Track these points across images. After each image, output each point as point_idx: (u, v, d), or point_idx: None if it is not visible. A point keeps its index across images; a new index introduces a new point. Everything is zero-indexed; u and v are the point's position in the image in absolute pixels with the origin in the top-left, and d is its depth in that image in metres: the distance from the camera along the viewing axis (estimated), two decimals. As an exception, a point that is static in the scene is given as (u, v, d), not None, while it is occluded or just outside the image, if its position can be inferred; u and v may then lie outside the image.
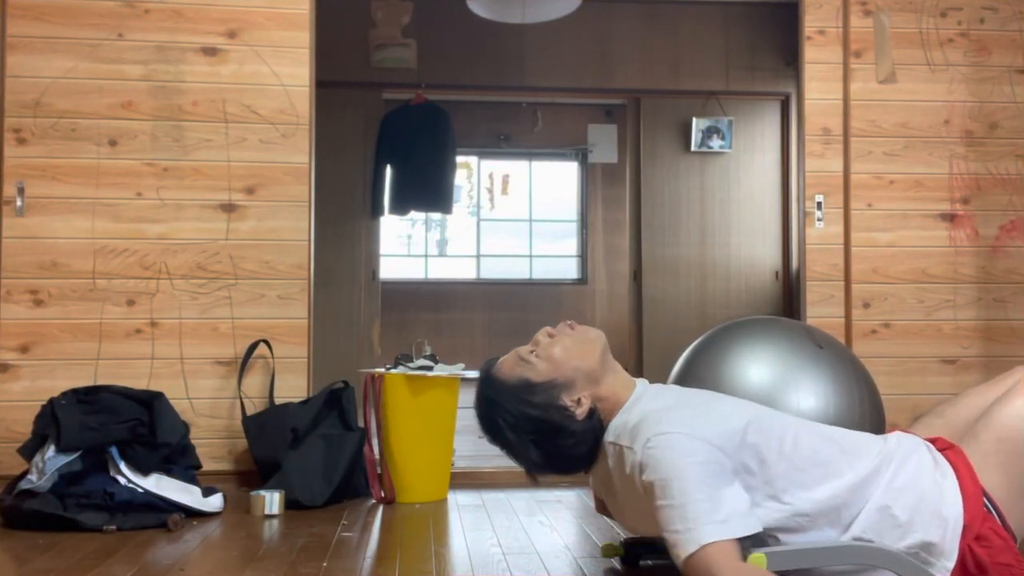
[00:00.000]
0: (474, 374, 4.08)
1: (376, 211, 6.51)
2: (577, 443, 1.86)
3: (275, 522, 2.96)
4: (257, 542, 2.69)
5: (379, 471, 3.36)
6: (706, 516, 1.59)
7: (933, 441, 1.89)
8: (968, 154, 3.99)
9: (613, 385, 1.90)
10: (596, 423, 1.87)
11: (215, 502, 3.07)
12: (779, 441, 1.74)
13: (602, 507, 2.22)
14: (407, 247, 10.34)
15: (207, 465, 3.39)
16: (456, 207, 8.40)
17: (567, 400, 1.85)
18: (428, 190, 6.70)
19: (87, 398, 3.08)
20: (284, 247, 3.65)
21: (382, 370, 3.70)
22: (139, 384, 3.42)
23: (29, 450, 3.00)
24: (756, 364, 2.60)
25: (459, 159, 7.95)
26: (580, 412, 1.85)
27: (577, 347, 1.89)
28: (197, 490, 3.04)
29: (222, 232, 3.63)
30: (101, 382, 3.43)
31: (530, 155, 10.02)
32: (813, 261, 3.93)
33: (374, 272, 6.46)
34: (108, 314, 3.55)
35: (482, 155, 10.02)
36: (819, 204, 3.94)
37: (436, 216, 9.96)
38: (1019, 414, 1.78)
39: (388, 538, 2.79)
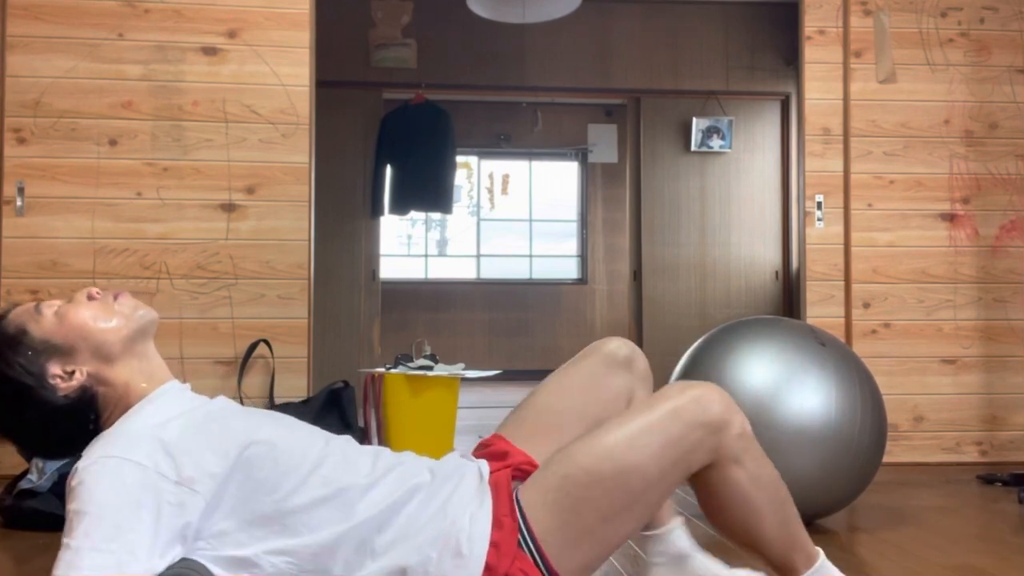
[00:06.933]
0: (474, 374, 4.09)
1: (376, 211, 6.52)
2: (45, 420, 1.51)
3: (275, 522, 2.95)
4: (257, 542, 2.68)
5: (379, 471, 3.36)
6: (100, 570, 1.30)
7: (504, 454, 1.67)
8: (968, 154, 3.99)
9: (131, 373, 1.55)
10: (84, 408, 1.52)
11: (215, 502, 3.06)
12: (284, 476, 1.47)
13: None
14: (407, 247, 10.34)
15: (207, 465, 3.38)
16: (456, 207, 8.41)
17: (56, 368, 1.51)
18: (428, 190, 6.70)
19: (87, 398, 3.07)
20: (284, 247, 3.65)
21: (382, 370, 3.70)
22: (139, 384, 3.42)
23: (29, 450, 2.99)
24: (759, 364, 2.60)
25: (459, 159, 7.95)
26: (66, 386, 1.51)
27: (104, 317, 1.56)
28: (197, 490, 3.03)
29: (222, 232, 3.63)
30: (101, 382, 3.43)
31: (530, 155, 10.02)
32: (813, 261, 3.93)
33: (374, 272, 6.46)
34: (108, 314, 3.55)
35: (482, 155, 10.03)
36: (819, 204, 3.94)
37: (436, 216, 9.96)
38: (595, 454, 1.50)
39: (388, 538, 2.78)
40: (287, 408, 3.43)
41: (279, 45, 3.69)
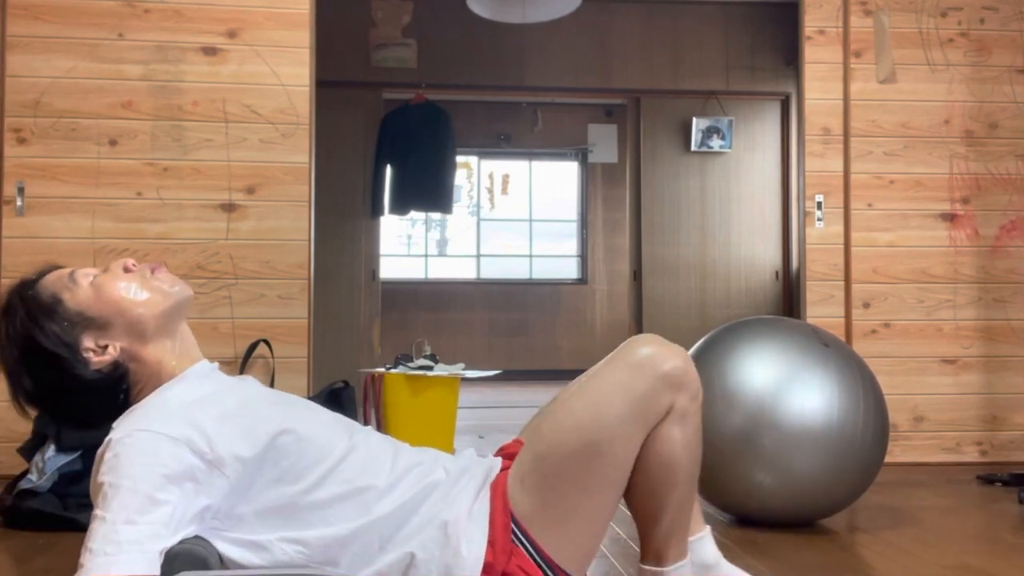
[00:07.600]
0: (474, 374, 4.10)
1: (376, 211, 6.52)
2: (75, 392, 1.51)
3: (275, 522, 2.95)
4: (257, 542, 2.68)
5: (379, 471, 3.36)
6: (136, 543, 1.31)
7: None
8: (968, 154, 3.99)
9: (164, 352, 1.55)
10: (114, 383, 1.52)
11: (215, 502, 3.06)
12: (308, 468, 1.47)
13: None
14: (407, 247, 10.34)
15: (207, 465, 3.38)
16: (456, 207, 8.41)
17: (89, 341, 1.51)
18: (428, 190, 6.70)
19: (87, 398, 3.07)
20: (284, 247, 3.65)
21: (382, 370, 3.70)
22: (139, 384, 3.42)
23: (29, 450, 2.99)
24: (761, 364, 2.60)
25: (459, 159, 7.95)
26: (98, 360, 1.50)
27: (141, 292, 1.54)
28: (197, 490, 3.03)
29: (222, 232, 3.63)
30: (101, 382, 3.43)
31: (530, 155, 10.02)
32: (813, 261, 3.93)
33: (374, 272, 6.46)
34: (108, 314, 3.55)
35: (482, 155, 10.03)
36: (819, 204, 3.94)
37: (436, 216, 9.96)
38: (564, 428, 1.49)
39: (388, 538, 2.78)
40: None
41: (279, 45, 3.69)
